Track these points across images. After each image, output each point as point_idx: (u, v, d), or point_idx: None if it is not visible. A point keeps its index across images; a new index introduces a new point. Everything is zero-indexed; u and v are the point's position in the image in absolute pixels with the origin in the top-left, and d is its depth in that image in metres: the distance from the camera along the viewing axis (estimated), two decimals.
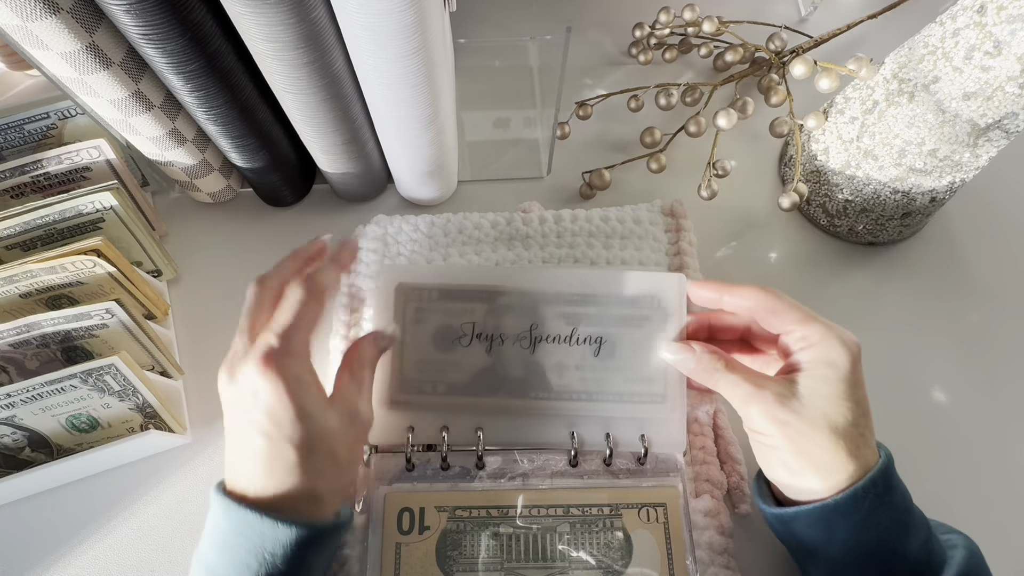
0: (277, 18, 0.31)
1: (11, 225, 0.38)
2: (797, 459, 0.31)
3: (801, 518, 0.32)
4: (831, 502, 0.31)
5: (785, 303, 0.34)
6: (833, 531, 0.31)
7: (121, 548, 0.39)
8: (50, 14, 0.30)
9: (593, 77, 0.55)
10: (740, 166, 0.51)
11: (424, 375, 0.38)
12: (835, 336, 0.32)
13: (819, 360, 0.32)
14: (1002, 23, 0.33)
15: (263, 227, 0.48)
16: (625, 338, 0.38)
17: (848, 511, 0.31)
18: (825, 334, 0.32)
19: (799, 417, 0.31)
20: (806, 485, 0.32)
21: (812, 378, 0.32)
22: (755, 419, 0.32)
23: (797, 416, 0.31)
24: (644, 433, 0.37)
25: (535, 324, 0.38)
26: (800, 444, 0.31)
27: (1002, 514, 0.41)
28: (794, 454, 0.31)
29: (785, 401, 0.32)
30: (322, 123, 0.39)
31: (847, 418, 0.31)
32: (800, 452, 0.31)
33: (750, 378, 0.33)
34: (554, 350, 0.38)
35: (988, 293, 0.47)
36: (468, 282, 0.39)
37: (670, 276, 0.38)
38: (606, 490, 0.37)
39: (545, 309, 0.38)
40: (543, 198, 0.48)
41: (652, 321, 0.38)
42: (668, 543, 0.36)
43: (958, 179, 0.41)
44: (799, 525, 0.32)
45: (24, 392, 0.35)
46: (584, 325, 0.38)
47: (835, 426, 0.31)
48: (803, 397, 0.32)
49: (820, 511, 0.31)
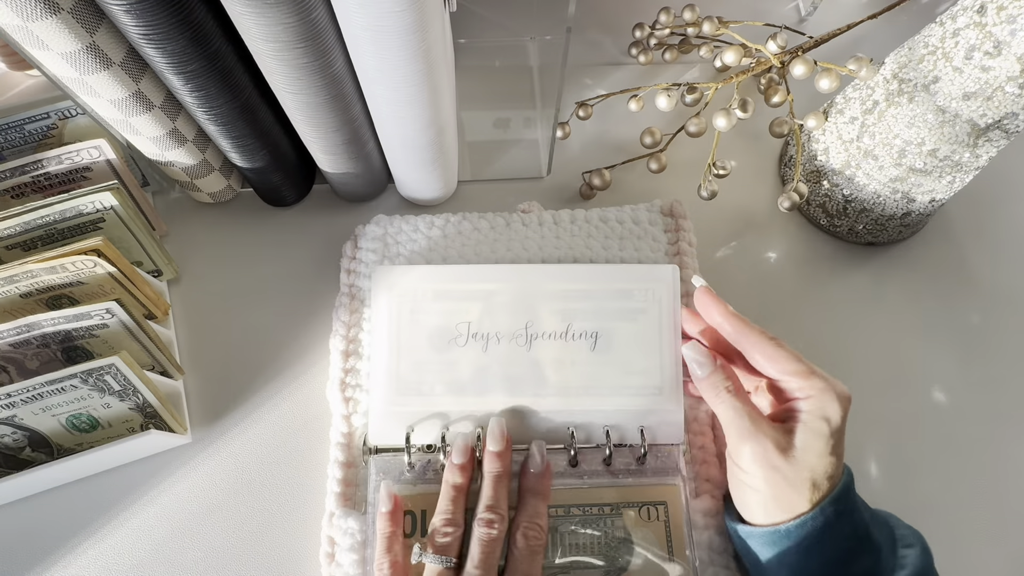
0: (277, 18, 0.31)
1: (11, 225, 0.38)
2: (775, 503, 0.32)
3: (755, 537, 0.33)
4: (783, 528, 0.32)
5: (784, 353, 0.34)
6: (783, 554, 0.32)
7: (121, 548, 0.39)
8: (50, 14, 0.30)
9: (593, 77, 0.55)
10: (740, 166, 0.51)
11: (421, 376, 0.38)
12: (832, 390, 0.33)
13: (816, 413, 0.32)
14: (1002, 23, 0.33)
15: (263, 227, 0.48)
16: (620, 332, 0.38)
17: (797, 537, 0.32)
18: (823, 388, 0.33)
19: (790, 468, 0.32)
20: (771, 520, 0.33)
21: (808, 431, 0.32)
22: (745, 458, 0.33)
23: (788, 467, 0.32)
24: (643, 425, 0.38)
25: (530, 321, 0.38)
26: (781, 491, 0.32)
27: (1002, 514, 0.41)
28: (773, 499, 0.32)
29: (782, 451, 0.32)
30: (322, 123, 0.39)
31: (827, 472, 0.32)
32: (778, 498, 0.32)
33: (753, 415, 0.33)
34: (550, 346, 0.38)
35: (988, 293, 0.47)
36: (461, 282, 0.39)
37: (663, 268, 0.39)
38: (606, 489, 0.37)
39: (540, 306, 0.38)
40: (543, 198, 0.48)
41: (647, 313, 0.38)
42: (669, 541, 0.36)
43: (958, 179, 0.41)
44: (754, 543, 0.34)
45: (24, 392, 0.35)
46: (579, 320, 0.38)
47: (816, 480, 0.32)
48: (797, 450, 0.32)
49: (772, 535, 0.32)
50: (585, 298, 0.38)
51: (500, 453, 0.36)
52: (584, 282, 0.39)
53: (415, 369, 0.38)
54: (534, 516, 0.35)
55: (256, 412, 0.42)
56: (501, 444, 0.36)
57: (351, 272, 0.44)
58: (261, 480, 0.41)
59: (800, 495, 0.32)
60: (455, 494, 0.35)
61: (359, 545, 0.36)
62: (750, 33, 0.50)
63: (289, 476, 0.41)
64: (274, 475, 0.41)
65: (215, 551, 0.39)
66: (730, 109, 0.45)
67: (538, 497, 0.35)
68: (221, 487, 0.40)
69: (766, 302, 0.46)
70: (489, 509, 0.34)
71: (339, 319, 0.43)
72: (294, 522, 0.39)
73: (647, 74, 0.55)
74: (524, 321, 0.38)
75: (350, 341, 0.42)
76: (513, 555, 0.34)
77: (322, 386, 0.43)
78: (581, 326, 0.38)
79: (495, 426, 0.37)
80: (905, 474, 0.42)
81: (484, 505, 0.35)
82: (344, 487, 0.38)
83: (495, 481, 0.35)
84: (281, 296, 0.46)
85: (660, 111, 0.47)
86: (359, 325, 0.42)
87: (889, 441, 0.42)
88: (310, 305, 0.45)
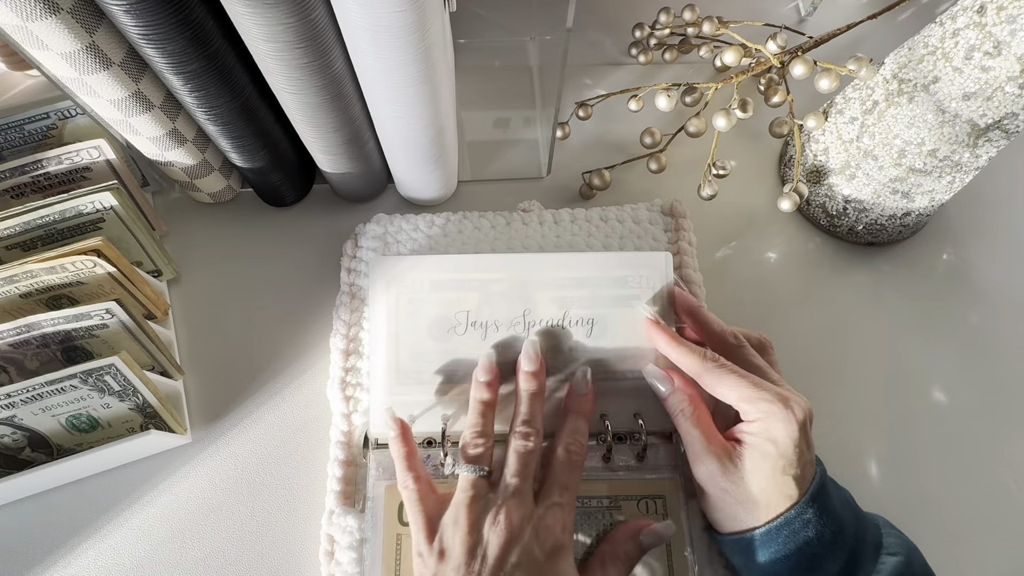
0: (277, 18, 0.31)
1: (11, 225, 0.38)
2: (730, 519, 0.34)
3: (724, 544, 0.35)
4: (748, 536, 0.33)
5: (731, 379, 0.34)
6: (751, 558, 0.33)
7: (121, 548, 0.39)
8: (50, 14, 0.30)
9: (593, 77, 0.55)
10: (740, 166, 0.51)
11: (421, 366, 0.38)
12: (779, 411, 0.32)
13: (763, 435, 0.33)
14: (1002, 23, 0.33)
15: (263, 227, 0.48)
16: (616, 318, 0.39)
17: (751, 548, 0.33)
18: (769, 411, 0.32)
19: (737, 489, 0.33)
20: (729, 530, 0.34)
21: (755, 454, 0.33)
22: (700, 476, 0.34)
23: (736, 488, 0.33)
24: (638, 411, 0.38)
25: (528, 309, 0.39)
26: (733, 509, 0.33)
27: (1002, 514, 0.41)
28: (729, 517, 0.34)
29: (728, 474, 0.33)
30: (322, 123, 0.39)
31: (783, 491, 0.32)
32: (733, 517, 0.33)
33: (705, 438, 0.34)
34: (548, 334, 0.39)
35: (988, 293, 0.47)
36: (459, 271, 0.39)
37: (656, 255, 0.39)
38: (605, 482, 0.37)
39: (537, 294, 0.39)
40: (543, 198, 0.48)
41: (641, 300, 0.39)
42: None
43: (958, 179, 0.41)
44: (724, 547, 0.35)
45: (24, 392, 0.35)
46: (575, 308, 0.39)
47: (768, 500, 0.32)
48: (745, 471, 0.33)
49: (735, 543, 0.33)
50: (581, 286, 0.39)
51: (535, 372, 0.37)
52: (579, 270, 0.39)
53: (415, 359, 0.38)
54: (575, 432, 0.36)
55: (256, 412, 0.42)
56: (536, 363, 0.37)
57: (351, 271, 0.44)
58: (261, 480, 0.41)
59: (750, 514, 0.32)
60: (484, 408, 0.36)
61: (358, 543, 0.36)
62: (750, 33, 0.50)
63: (289, 475, 0.41)
64: (274, 475, 0.41)
65: (215, 551, 0.39)
66: (730, 109, 0.45)
67: (580, 417, 0.36)
68: (221, 487, 0.40)
69: (766, 302, 0.46)
70: (526, 423, 0.35)
71: (339, 318, 0.43)
72: (294, 521, 0.39)
73: (647, 74, 0.55)
74: (522, 309, 0.39)
75: (350, 340, 0.42)
76: (552, 467, 0.34)
77: (322, 386, 0.43)
78: (577, 313, 0.39)
79: (529, 347, 0.37)
80: (904, 473, 0.42)
81: (521, 420, 0.35)
82: (344, 485, 0.38)
83: (531, 398, 0.36)
84: (281, 296, 0.46)
85: (660, 111, 0.47)
86: (359, 324, 0.42)
87: (889, 441, 0.42)
88: (310, 305, 0.45)
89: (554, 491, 0.33)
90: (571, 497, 0.34)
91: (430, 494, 0.34)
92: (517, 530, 0.31)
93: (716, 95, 0.50)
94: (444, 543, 0.32)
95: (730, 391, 0.33)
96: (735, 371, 0.34)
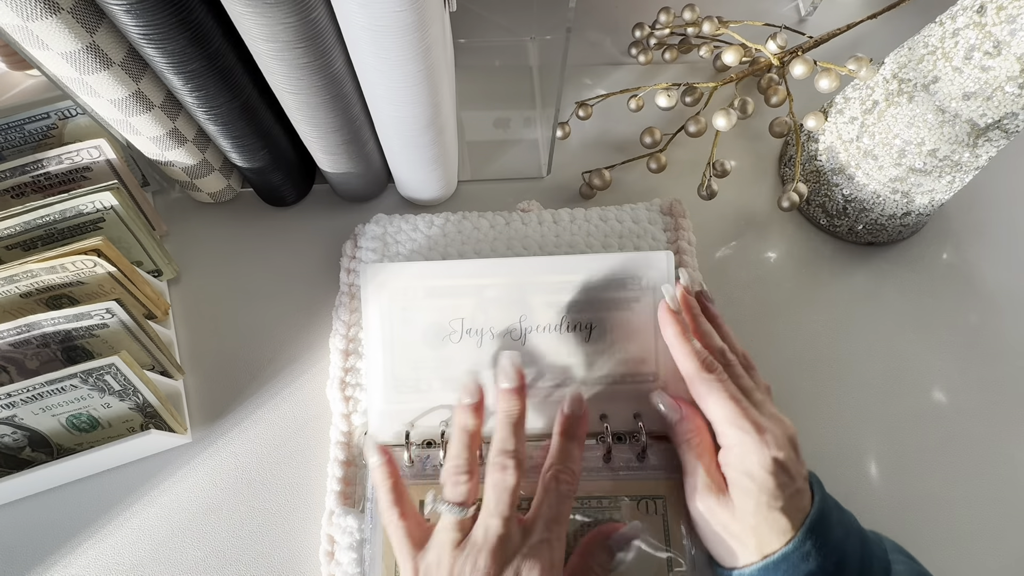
0: (277, 18, 0.31)
1: (11, 225, 0.38)
2: (730, 557, 0.33)
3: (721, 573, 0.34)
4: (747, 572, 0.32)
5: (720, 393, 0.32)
6: None
7: (121, 548, 0.39)
8: (50, 14, 0.30)
9: (593, 77, 0.55)
10: (740, 166, 0.51)
11: (418, 373, 0.38)
12: (751, 441, 0.31)
13: (738, 469, 0.32)
14: (1002, 23, 0.33)
15: (263, 227, 0.48)
16: (615, 321, 0.38)
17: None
18: (741, 440, 0.31)
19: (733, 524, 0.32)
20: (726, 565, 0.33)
21: (737, 491, 0.32)
22: (699, 511, 0.33)
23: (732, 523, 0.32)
24: (638, 412, 0.38)
25: (524, 315, 0.38)
26: (732, 545, 0.32)
27: (1002, 514, 0.41)
28: (728, 552, 0.33)
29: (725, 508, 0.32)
30: (322, 123, 0.39)
31: (775, 528, 0.31)
32: (732, 552, 0.32)
33: (709, 473, 0.33)
34: (545, 339, 0.38)
35: (988, 293, 0.47)
36: (452, 277, 0.39)
37: (656, 255, 0.38)
38: (605, 482, 0.37)
39: (533, 299, 0.38)
40: (543, 198, 0.48)
41: (641, 302, 0.38)
42: (666, 536, 0.36)
43: (958, 179, 0.41)
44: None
45: (24, 392, 0.35)
46: (573, 312, 0.38)
47: (762, 538, 0.31)
48: (736, 511, 0.32)
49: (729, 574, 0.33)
50: (578, 289, 0.38)
51: (516, 390, 0.33)
52: (577, 272, 0.38)
53: (412, 367, 0.38)
54: (567, 460, 0.32)
55: (256, 412, 0.42)
56: (516, 380, 0.33)
57: (351, 271, 0.44)
58: (261, 480, 0.41)
59: (746, 548, 0.32)
60: (468, 440, 0.33)
61: (358, 544, 0.36)
62: (750, 33, 0.50)
63: (289, 476, 0.41)
64: (274, 475, 0.41)
65: (215, 551, 0.39)
66: (730, 109, 0.45)
67: (573, 441, 0.33)
68: (221, 487, 0.40)
69: (766, 302, 0.46)
70: (503, 453, 0.31)
71: (339, 318, 0.43)
72: (294, 521, 0.39)
73: (647, 74, 0.55)
74: (518, 315, 0.38)
75: (350, 340, 0.42)
76: (542, 496, 0.32)
77: (322, 386, 0.43)
78: (575, 317, 0.38)
79: (506, 361, 0.33)
80: (904, 473, 0.42)
81: (496, 448, 0.32)
82: (344, 486, 0.38)
83: (511, 422, 0.32)
84: (281, 296, 0.46)
85: (660, 111, 0.47)
86: (359, 324, 0.42)
87: (889, 441, 0.42)
88: (310, 305, 0.45)
89: (541, 526, 0.31)
90: (560, 531, 0.31)
91: (416, 529, 0.33)
92: None
93: (716, 95, 0.50)
94: None
95: (716, 408, 0.33)
96: (727, 390, 0.33)
